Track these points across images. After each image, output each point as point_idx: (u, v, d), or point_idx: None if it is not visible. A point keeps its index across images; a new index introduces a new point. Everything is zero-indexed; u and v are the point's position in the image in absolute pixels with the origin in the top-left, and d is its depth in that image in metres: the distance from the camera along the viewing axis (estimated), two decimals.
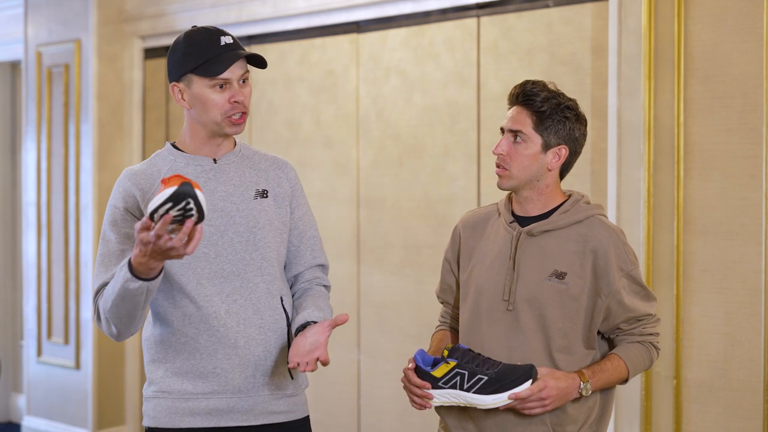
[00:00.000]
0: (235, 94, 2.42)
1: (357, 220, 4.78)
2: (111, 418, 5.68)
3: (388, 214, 4.66)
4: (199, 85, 2.41)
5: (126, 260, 2.26)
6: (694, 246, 3.55)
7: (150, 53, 5.69)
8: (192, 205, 2.11)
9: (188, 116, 2.49)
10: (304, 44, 4.95)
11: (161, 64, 5.63)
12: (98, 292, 2.40)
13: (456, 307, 2.67)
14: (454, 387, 2.37)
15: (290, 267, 2.59)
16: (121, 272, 2.26)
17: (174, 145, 2.52)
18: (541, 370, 2.37)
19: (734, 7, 3.46)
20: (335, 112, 4.86)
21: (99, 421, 5.61)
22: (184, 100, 2.45)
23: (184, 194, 2.09)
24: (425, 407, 2.44)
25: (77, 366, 5.65)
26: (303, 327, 2.44)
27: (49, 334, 5.81)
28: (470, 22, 4.38)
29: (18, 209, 6.57)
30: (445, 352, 2.40)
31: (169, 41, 5.53)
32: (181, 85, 2.44)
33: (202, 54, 2.40)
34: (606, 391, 2.51)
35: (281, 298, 2.52)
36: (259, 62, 2.47)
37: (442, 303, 2.73)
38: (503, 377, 2.33)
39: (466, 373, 2.36)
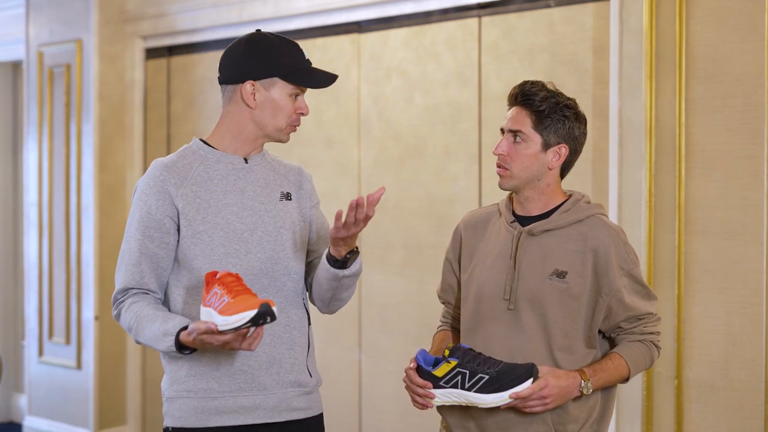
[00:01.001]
0: (302, 107, 2.48)
1: None
2: (112, 418, 5.68)
3: (389, 214, 4.66)
4: (281, 90, 2.44)
5: (172, 330, 2.30)
6: (695, 246, 3.54)
7: (151, 53, 5.69)
8: (268, 319, 2.20)
9: (239, 115, 2.47)
10: (305, 44, 4.94)
11: (162, 64, 5.63)
12: (119, 300, 2.44)
13: (457, 307, 2.67)
14: (455, 386, 2.37)
15: (308, 255, 2.62)
16: (165, 341, 2.31)
17: (204, 141, 2.51)
18: (542, 369, 2.37)
19: (736, 7, 3.46)
20: (336, 112, 4.86)
21: (100, 421, 5.62)
22: (255, 99, 2.44)
23: (263, 314, 2.18)
24: (427, 407, 2.44)
25: (78, 366, 5.66)
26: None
27: (51, 334, 5.81)
28: (471, 22, 4.38)
29: (19, 209, 6.57)
30: (446, 352, 2.40)
31: (170, 41, 5.54)
32: (258, 84, 2.44)
33: (295, 62, 2.45)
34: (607, 390, 2.51)
35: (304, 297, 2.56)
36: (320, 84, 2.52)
37: (443, 303, 2.74)
38: (504, 376, 2.33)
39: (467, 372, 2.36)
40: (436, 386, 2.39)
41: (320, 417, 2.59)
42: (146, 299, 2.41)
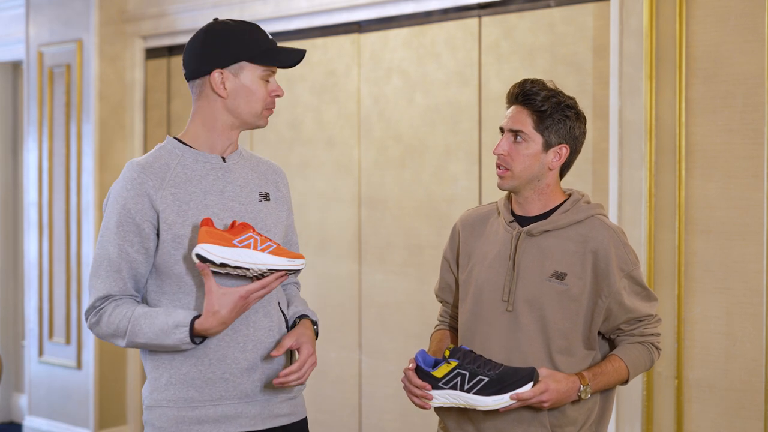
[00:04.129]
0: (276, 89, 2.39)
1: (359, 220, 4.78)
2: (112, 418, 5.68)
3: (389, 214, 4.66)
4: (251, 74, 2.35)
5: (184, 321, 2.26)
6: (695, 246, 3.54)
7: (151, 53, 5.69)
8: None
9: (211, 108, 2.38)
10: (305, 44, 4.95)
11: (162, 64, 5.63)
12: (98, 307, 2.33)
13: (455, 307, 2.66)
14: (454, 387, 2.36)
15: None
16: (177, 333, 2.26)
17: (178, 140, 2.41)
18: (542, 371, 2.36)
19: (736, 7, 3.46)
20: (337, 112, 4.86)
21: (100, 421, 5.61)
22: (225, 88, 2.35)
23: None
24: (425, 407, 2.43)
25: (79, 366, 5.66)
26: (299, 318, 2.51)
27: (51, 334, 5.81)
28: (472, 22, 4.38)
29: (19, 209, 6.57)
30: (447, 353, 2.39)
31: (170, 41, 5.54)
32: (226, 72, 2.35)
33: (259, 44, 2.36)
34: (606, 392, 2.50)
35: (279, 301, 2.47)
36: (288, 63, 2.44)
37: (441, 302, 2.73)
38: (505, 379, 2.32)
39: (467, 373, 2.35)
40: (435, 387, 2.38)
41: (304, 422, 2.52)
42: (130, 301, 2.33)
